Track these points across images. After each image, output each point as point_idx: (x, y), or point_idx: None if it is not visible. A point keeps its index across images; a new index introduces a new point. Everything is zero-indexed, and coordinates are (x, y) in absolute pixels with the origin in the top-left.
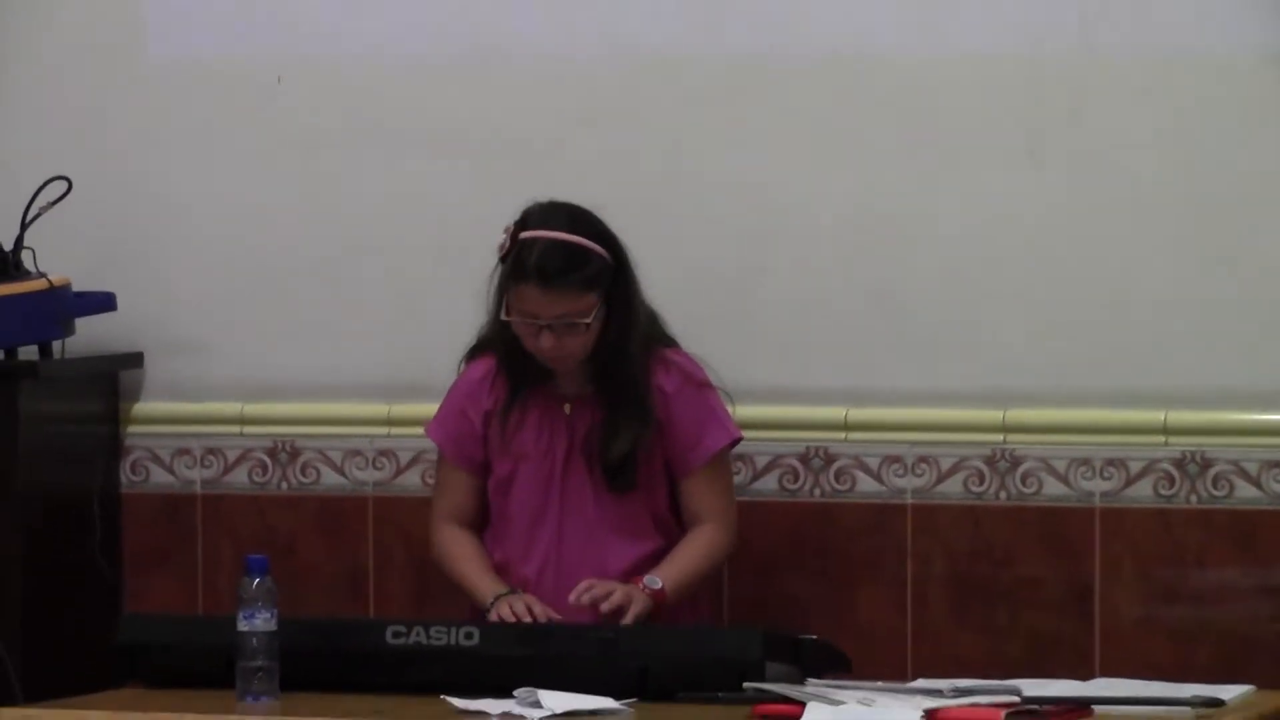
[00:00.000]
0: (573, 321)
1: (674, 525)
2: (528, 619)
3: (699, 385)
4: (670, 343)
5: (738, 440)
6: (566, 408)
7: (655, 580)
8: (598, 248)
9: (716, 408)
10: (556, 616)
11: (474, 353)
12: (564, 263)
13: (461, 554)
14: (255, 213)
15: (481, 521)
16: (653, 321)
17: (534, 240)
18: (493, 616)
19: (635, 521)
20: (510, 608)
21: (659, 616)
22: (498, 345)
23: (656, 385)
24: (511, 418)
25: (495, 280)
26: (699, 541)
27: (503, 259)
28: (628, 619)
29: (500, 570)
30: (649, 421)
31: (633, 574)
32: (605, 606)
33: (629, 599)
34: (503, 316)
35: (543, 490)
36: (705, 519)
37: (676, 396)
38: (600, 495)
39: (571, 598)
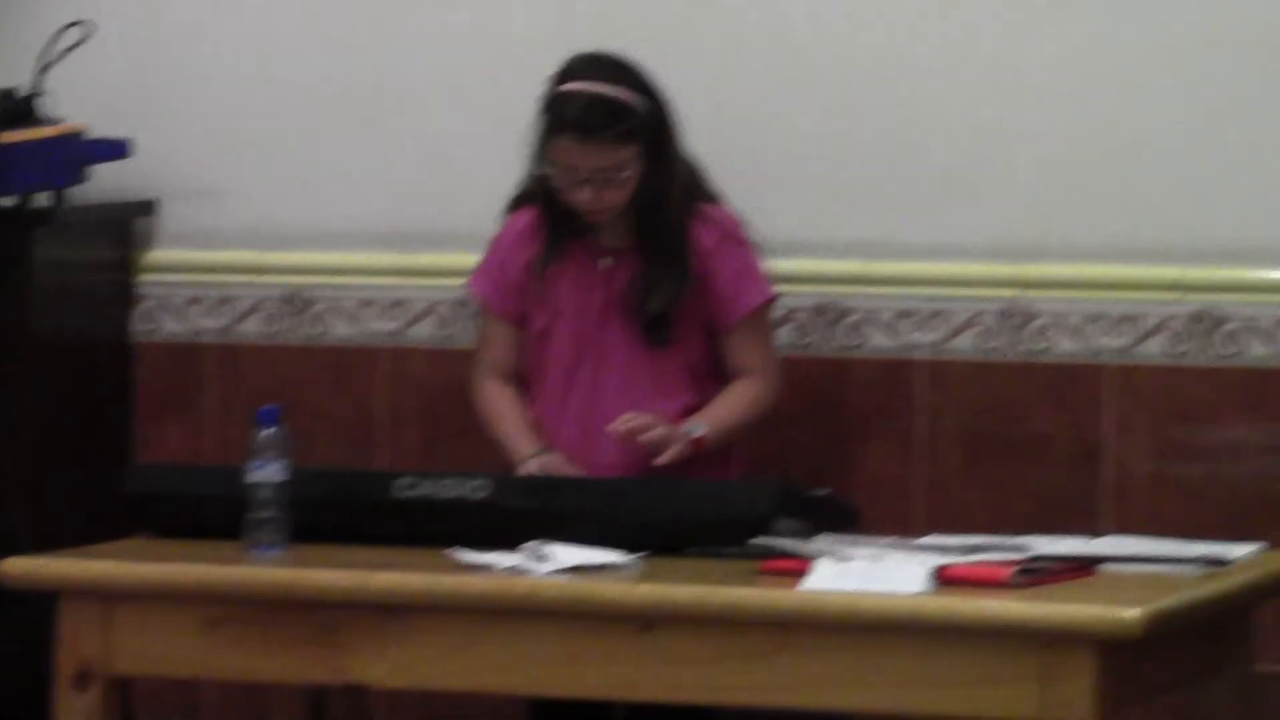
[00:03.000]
0: (610, 175)
1: (710, 381)
2: None
3: (738, 242)
4: (712, 198)
5: (774, 299)
6: (604, 261)
7: (697, 427)
8: (638, 101)
9: (753, 264)
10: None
11: (516, 204)
12: (602, 116)
13: (500, 413)
14: (271, 60)
15: (523, 374)
16: (694, 176)
17: (573, 93)
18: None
19: (670, 377)
20: (529, 471)
21: (695, 463)
22: (538, 196)
23: (695, 240)
24: (549, 270)
25: (535, 132)
26: (741, 393)
27: (543, 111)
28: (665, 458)
29: (536, 424)
30: (687, 276)
31: None
32: (645, 437)
33: (669, 438)
34: (542, 169)
35: (577, 344)
36: (747, 373)
37: (715, 252)
38: (635, 350)
39: (611, 426)
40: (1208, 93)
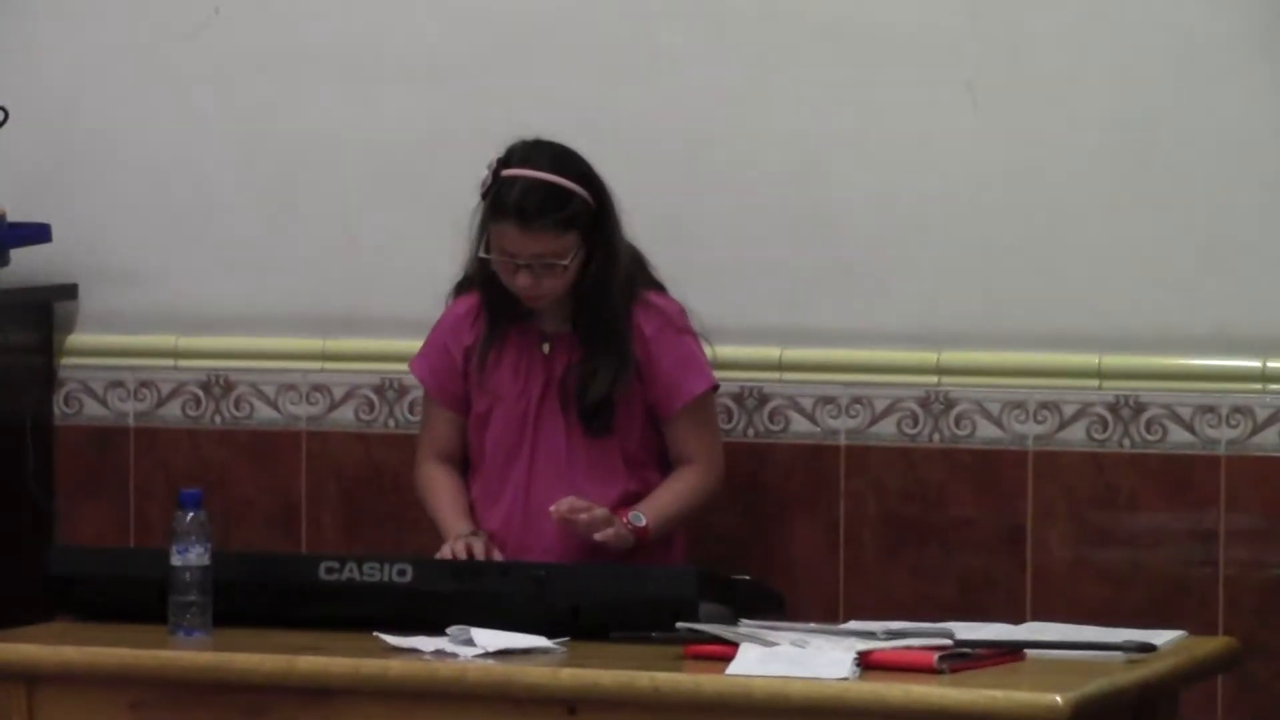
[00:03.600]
0: (550, 262)
1: (649, 469)
2: (466, 558)
3: (679, 329)
4: (655, 285)
5: (716, 387)
6: (545, 347)
7: (639, 517)
8: (579, 189)
9: (696, 352)
10: (499, 559)
11: (459, 288)
12: (543, 203)
13: (437, 493)
14: (191, 143)
15: (465, 457)
16: (637, 264)
17: (515, 179)
18: (440, 555)
19: (608, 463)
20: (452, 548)
21: (637, 553)
22: (479, 281)
23: (636, 327)
24: (490, 355)
25: (476, 216)
26: (682, 482)
27: (484, 195)
28: (602, 536)
29: (473, 508)
30: (628, 364)
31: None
32: (583, 518)
33: (608, 519)
34: (481, 254)
35: (516, 430)
36: (689, 461)
37: (656, 339)
38: (573, 436)
39: (552, 508)
40: (1126, 180)
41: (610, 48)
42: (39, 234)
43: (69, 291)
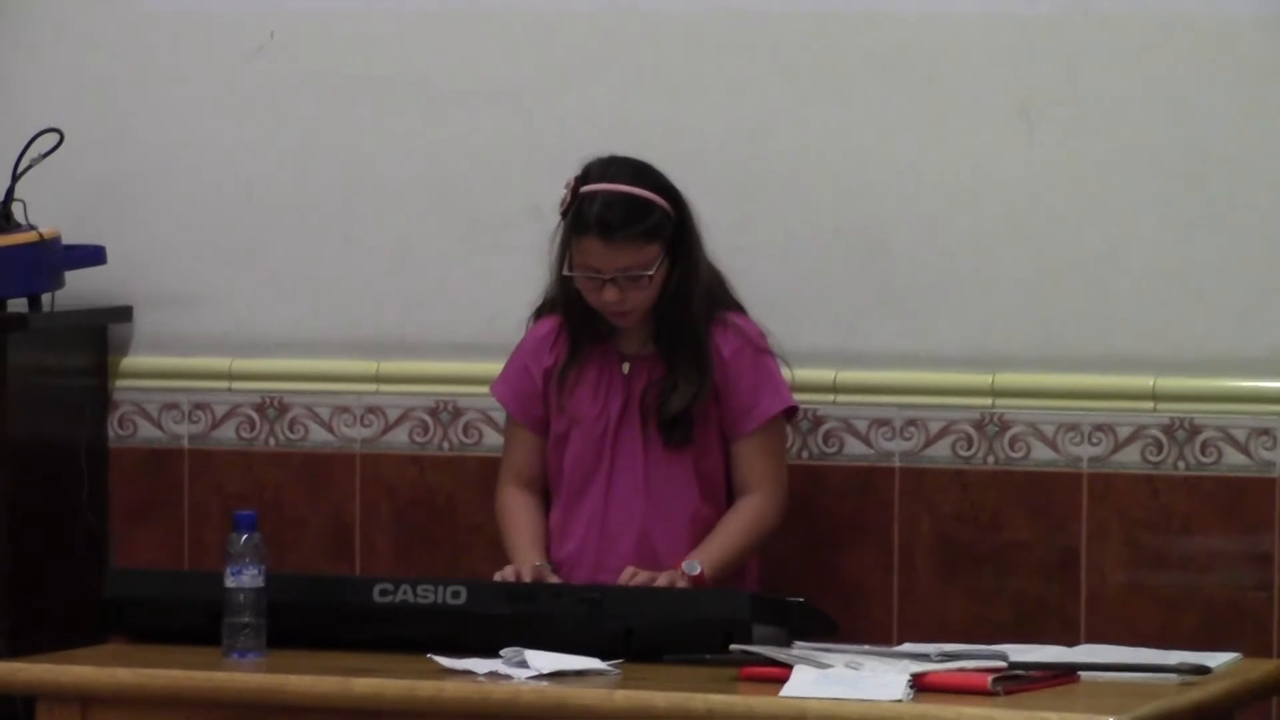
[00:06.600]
0: (635, 274)
1: (725, 490)
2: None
3: (757, 350)
4: (734, 305)
5: (793, 409)
6: (625, 367)
7: (694, 565)
8: (659, 199)
9: (774, 373)
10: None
11: (540, 311)
12: (626, 214)
13: (512, 522)
14: (246, 167)
15: (545, 480)
16: (717, 281)
17: (595, 193)
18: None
19: (684, 483)
20: (503, 576)
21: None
22: (561, 302)
23: (715, 346)
24: (568, 378)
25: (557, 236)
26: (742, 516)
27: (564, 214)
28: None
29: (549, 536)
30: (708, 378)
31: (678, 539)
32: (637, 582)
33: (672, 583)
34: (565, 271)
35: (594, 451)
36: (752, 488)
37: (734, 359)
38: (651, 455)
39: (620, 581)
40: (1181, 203)
41: (664, 72)
42: (94, 256)
43: (123, 314)
